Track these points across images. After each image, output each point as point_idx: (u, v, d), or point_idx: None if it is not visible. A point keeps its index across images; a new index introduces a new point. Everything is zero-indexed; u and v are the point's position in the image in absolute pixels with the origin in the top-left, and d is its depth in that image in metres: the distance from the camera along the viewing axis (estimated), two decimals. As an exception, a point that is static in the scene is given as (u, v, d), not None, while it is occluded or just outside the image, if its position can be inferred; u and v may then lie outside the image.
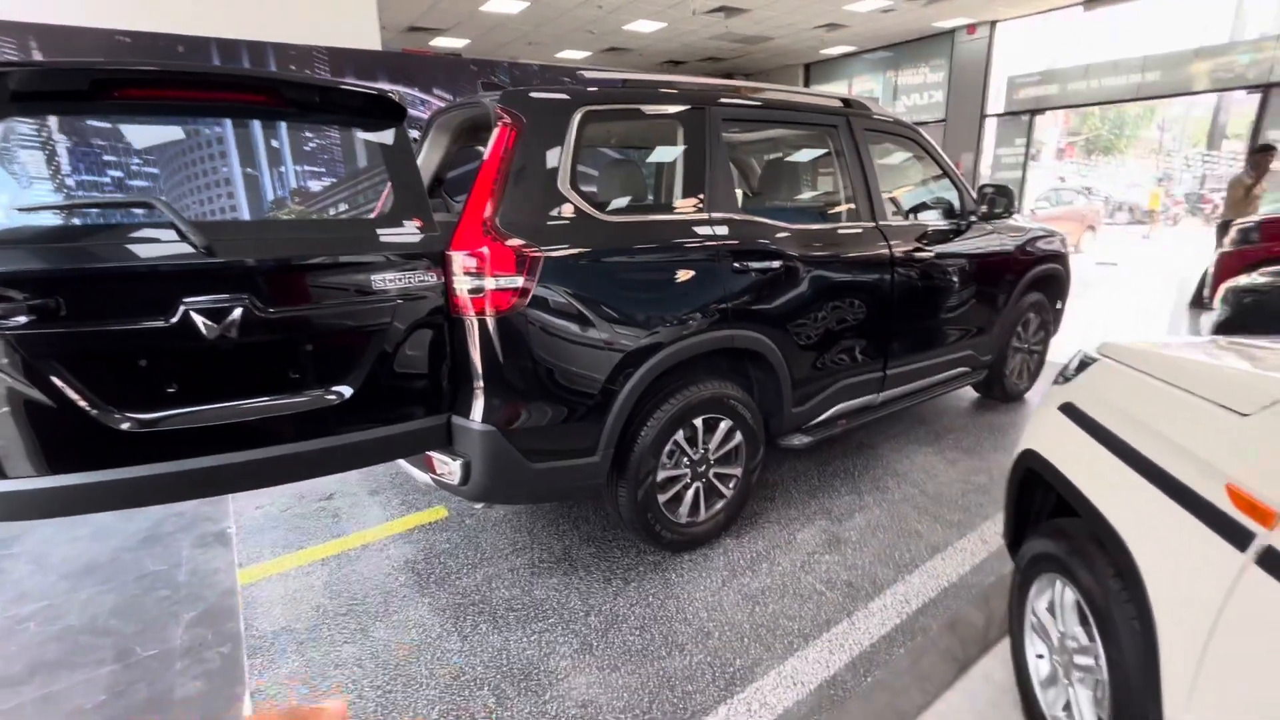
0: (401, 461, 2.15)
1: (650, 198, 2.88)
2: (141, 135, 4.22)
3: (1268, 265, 3.61)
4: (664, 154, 2.90)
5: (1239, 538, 0.96)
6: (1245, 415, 1.07)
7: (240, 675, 1.87)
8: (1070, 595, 1.43)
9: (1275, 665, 0.89)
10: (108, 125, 4.08)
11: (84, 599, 2.22)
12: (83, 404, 1.50)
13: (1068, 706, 1.45)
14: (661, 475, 2.24)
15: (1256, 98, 8.64)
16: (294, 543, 2.56)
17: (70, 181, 4.06)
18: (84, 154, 4.12)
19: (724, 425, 2.36)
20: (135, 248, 1.52)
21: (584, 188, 2.07)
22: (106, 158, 4.19)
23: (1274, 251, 4.46)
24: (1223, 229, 5.99)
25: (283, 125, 4.62)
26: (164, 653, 1.96)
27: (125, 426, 1.54)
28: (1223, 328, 3.22)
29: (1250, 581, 0.92)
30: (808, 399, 2.62)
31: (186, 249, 1.53)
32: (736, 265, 2.27)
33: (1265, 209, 6.14)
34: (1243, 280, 3.27)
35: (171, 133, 4.35)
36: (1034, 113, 11.11)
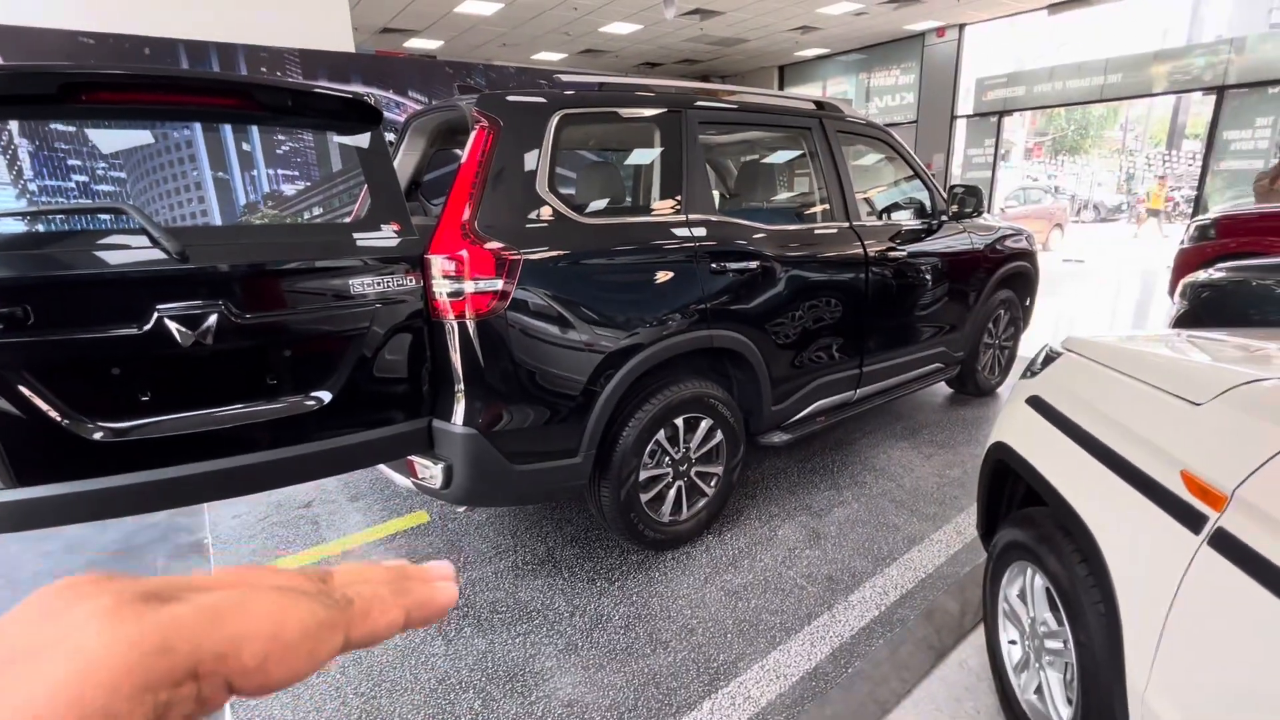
0: (382, 466, 2.14)
1: (628, 200, 2.90)
2: (109, 139, 4.13)
3: (1224, 261, 3.75)
4: (641, 156, 2.92)
5: (1193, 521, 1.01)
6: (1198, 405, 1.12)
7: (220, 686, 1.84)
8: (1040, 582, 1.48)
9: (1226, 639, 0.93)
10: (74, 129, 3.99)
11: (55, 614, 2.16)
12: (53, 414, 1.47)
13: (1039, 689, 1.50)
14: (644, 475, 2.26)
15: (1212, 99, 8.95)
16: (272, 551, 2.53)
17: (34, 186, 3.96)
18: (49, 158, 4.01)
19: (705, 424, 2.39)
20: (106, 254, 1.50)
21: (562, 190, 2.08)
22: (72, 162, 4.08)
23: (1230, 248, 4.63)
24: None
25: (255, 129, 4.55)
26: (140, 666, 1.92)
27: (97, 436, 1.51)
28: (1180, 321, 3.34)
29: (1203, 562, 0.97)
30: (786, 397, 2.66)
31: (159, 255, 1.51)
32: (714, 266, 2.30)
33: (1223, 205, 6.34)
34: (1200, 276, 3.38)
35: (140, 137, 4.26)
36: (1002, 114, 11.38)
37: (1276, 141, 7.95)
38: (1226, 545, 0.93)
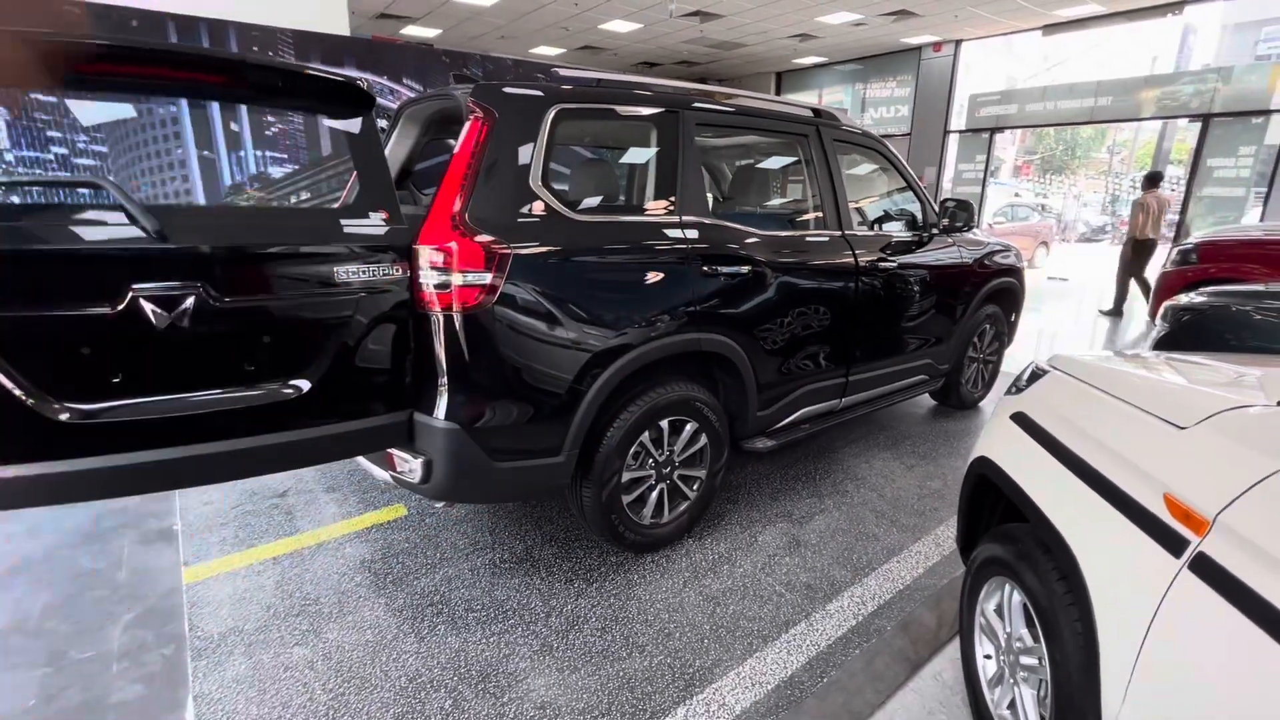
0: (360, 458, 2.10)
1: (622, 199, 2.88)
2: (90, 112, 4.02)
3: (1205, 286, 3.81)
4: (636, 155, 2.90)
5: (1175, 545, 1.01)
6: (1183, 429, 1.13)
7: (183, 678, 1.80)
8: (1018, 598, 1.48)
9: (1203, 664, 0.94)
10: (54, 99, 3.88)
11: (15, 599, 2.10)
12: (17, 392, 1.42)
13: (1012, 704, 1.50)
14: (626, 476, 2.24)
15: (1198, 126, 9.11)
16: (244, 540, 2.47)
17: (10, 157, 3.84)
18: (27, 128, 3.90)
19: (690, 427, 2.37)
20: (81, 229, 1.45)
21: (556, 186, 2.06)
22: (52, 133, 3.97)
23: (1211, 273, 4.71)
24: None
25: (243, 108, 4.46)
26: (100, 655, 1.87)
27: (64, 417, 1.46)
28: (1161, 343, 3.38)
29: (1183, 586, 0.97)
30: (772, 403, 2.65)
31: (136, 233, 1.46)
32: (705, 269, 2.29)
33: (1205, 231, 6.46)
34: (1182, 299, 3.43)
35: (123, 110, 4.16)
36: (994, 130, 11.50)
37: (1258, 170, 8.13)
38: (1207, 570, 0.94)
